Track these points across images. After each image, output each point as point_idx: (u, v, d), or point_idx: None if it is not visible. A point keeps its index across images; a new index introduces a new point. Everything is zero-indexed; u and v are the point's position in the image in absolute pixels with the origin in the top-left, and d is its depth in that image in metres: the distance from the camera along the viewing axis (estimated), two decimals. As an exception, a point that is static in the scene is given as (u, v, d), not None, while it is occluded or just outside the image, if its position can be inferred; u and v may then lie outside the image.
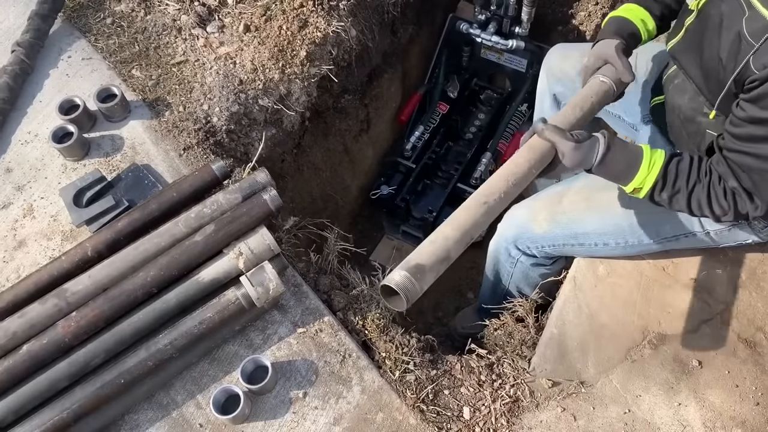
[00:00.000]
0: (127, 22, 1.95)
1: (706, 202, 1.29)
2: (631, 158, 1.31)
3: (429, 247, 1.11)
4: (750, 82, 1.14)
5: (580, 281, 1.63)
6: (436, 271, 1.11)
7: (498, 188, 1.18)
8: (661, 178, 1.29)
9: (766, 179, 1.21)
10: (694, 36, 1.35)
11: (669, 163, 1.30)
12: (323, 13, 1.93)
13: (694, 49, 1.33)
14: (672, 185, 1.30)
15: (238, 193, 1.48)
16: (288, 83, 1.89)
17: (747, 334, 1.53)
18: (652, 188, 1.31)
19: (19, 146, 1.73)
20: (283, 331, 1.46)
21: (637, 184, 1.31)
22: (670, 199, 1.32)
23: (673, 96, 1.48)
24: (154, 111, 1.77)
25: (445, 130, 2.82)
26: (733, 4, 1.21)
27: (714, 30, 1.25)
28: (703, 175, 1.29)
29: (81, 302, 1.35)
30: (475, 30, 2.55)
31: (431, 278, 1.10)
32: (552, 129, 1.25)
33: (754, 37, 1.14)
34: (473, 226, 1.15)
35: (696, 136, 1.44)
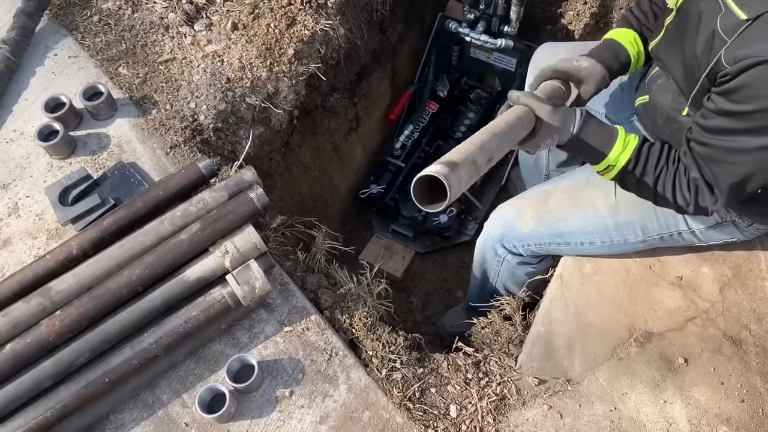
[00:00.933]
0: (114, 20, 1.93)
1: (670, 190, 1.31)
2: (606, 134, 1.35)
3: (453, 154, 1.11)
4: (722, 76, 1.16)
5: (567, 279, 1.63)
6: (467, 170, 1.09)
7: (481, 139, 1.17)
8: (634, 158, 1.32)
9: (726, 172, 1.23)
10: (674, 35, 1.36)
11: (642, 144, 1.34)
12: (311, 12, 1.93)
13: (675, 48, 1.34)
14: (642, 167, 1.32)
15: (225, 192, 1.47)
16: (276, 81, 1.89)
17: (733, 332, 1.54)
18: (624, 167, 1.33)
19: (4, 144, 1.72)
20: (269, 329, 1.46)
21: (611, 161, 1.34)
22: (638, 182, 1.34)
23: (656, 95, 1.49)
24: (141, 109, 1.76)
25: (435, 129, 2.82)
26: (710, 2, 1.22)
27: (692, 28, 1.26)
28: (671, 162, 1.32)
29: (65, 301, 1.35)
30: (464, 29, 2.55)
31: (464, 172, 1.08)
32: (527, 95, 1.28)
33: (727, 34, 1.15)
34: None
35: (678, 134, 1.44)
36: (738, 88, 1.13)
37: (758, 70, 1.08)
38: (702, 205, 1.30)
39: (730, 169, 1.22)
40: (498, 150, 1.19)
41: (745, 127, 1.16)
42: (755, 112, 1.12)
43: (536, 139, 1.30)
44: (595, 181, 1.60)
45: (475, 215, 2.70)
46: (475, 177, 1.13)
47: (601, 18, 2.41)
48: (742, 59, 1.10)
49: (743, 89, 1.12)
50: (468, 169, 1.09)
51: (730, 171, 1.22)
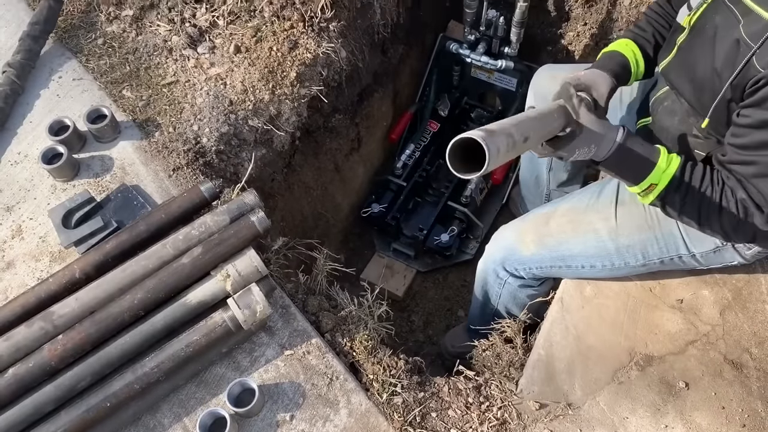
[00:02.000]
0: (119, 43, 1.96)
1: (716, 212, 1.26)
2: (650, 150, 1.29)
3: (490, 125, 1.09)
4: (754, 83, 1.12)
5: (568, 302, 1.64)
6: (505, 140, 1.06)
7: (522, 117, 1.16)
8: (679, 176, 1.27)
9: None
10: (687, 53, 1.35)
11: (686, 164, 1.29)
12: (313, 35, 1.95)
13: (687, 66, 1.33)
14: (686, 187, 1.27)
15: (226, 215, 1.48)
16: (278, 104, 1.90)
17: (733, 356, 1.54)
18: (667, 186, 1.28)
19: (8, 167, 1.73)
20: (270, 353, 1.46)
21: (654, 179, 1.28)
22: (683, 204, 1.29)
23: (662, 118, 1.49)
24: (144, 131, 1.78)
25: (436, 148, 2.83)
26: (726, 14, 1.21)
27: (707, 43, 1.25)
28: (716, 183, 1.27)
29: (68, 325, 1.35)
30: (464, 50, 2.58)
31: (502, 141, 1.05)
32: (578, 98, 1.24)
33: (754, 39, 1.13)
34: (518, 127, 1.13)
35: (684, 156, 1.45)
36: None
37: None
38: (750, 227, 1.24)
39: None
40: (533, 131, 1.15)
41: None
42: None
43: (573, 144, 1.25)
44: (595, 204, 1.61)
45: (476, 234, 2.71)
46: (511, 152, 1.09)
47: (601, 39, 2.42)
48: None
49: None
50: (505, 139, 1.06)
51: None
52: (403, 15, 2.37)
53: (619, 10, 2.32)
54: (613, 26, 2.38)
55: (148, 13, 1.98)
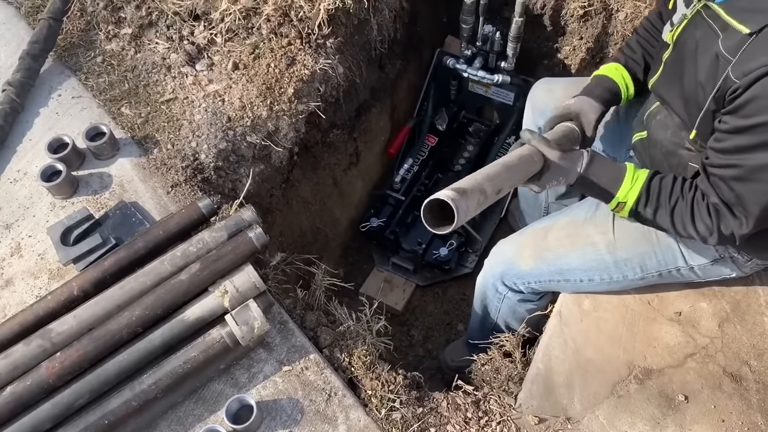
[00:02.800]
0: (117, 61, 1.97)
1: (689, 219, 1.30)
2: (614, 172, 1.36)
3: (464, 182, 1.17)
4: (731, 93, 1.16)
5: (566, 316, 1.64)
6: (476, 198, 1.14)
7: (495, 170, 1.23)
8: (645, 192, 1.32)
9: (755, 191, 1.20)
10: (673, 68, 1.38)
11: (652, 178, 1.34)
12: (311, 51, 1.96)
13: (675, 80, 1.35)
14: (656, 200, 1.32)
15: (224, 231, 1.48)
16: (276, 120, 1.91)
17: (733, 369, 1.54)
18: (636, 202, 1.33)
19: (7, 185, 1.74)
20: (268, 369, 1.46)
21: (621, 197, 1.34)
22: (655, 215, 1.33)
23: (655, 131, 1.51)
24: (143, 148, 1.79)
25: (434, 162, 2.84)
26: (706, 29, 1.24)
27: (691, 57, 1.28)
28: (686, 191, 1.31)
29: (66, 343, 1.35)
30: (461, 65, 2.59)
31: (473, 200, 1.13)
32: (538, 138, 1.31)
33: (731, 52, 1.16)
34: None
35: (677, 168, 1.46)
36: (750, 100, 1.12)
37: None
38: (726, 232, 1.27)
39: (758, 188, 1.19)
40: (507, 182, 1.23)
41: (764, 140, 1.14)
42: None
43: (543, 179, 1.33)
44: (593, 218, 1.61)
45: (475, 248, 2.71)
46: (483, 205, 1.17)
47: (597, 53, 2.44)
48: (751, 71, 1.10)
49: (755, 101, 1.12)
50: (476, 197, 1.14)
51: (758, 190, 1.19)
52: (400, 31, 2.38)
53: (615, 24, 2.34)
54: (609, 40, 2.40)
55: (146, 31, 2.00)
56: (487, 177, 1.19)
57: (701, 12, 1.28)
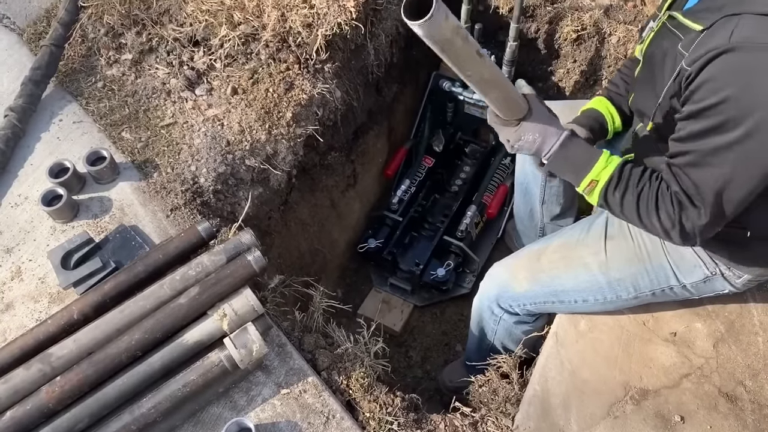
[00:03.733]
0: (118, 86, 2.01)
1: (654, 207, 1.31)
2: (590, 151, 1.39)
3: None
4: (685, 81, 1.20)
5: (562, 337, 1.65)
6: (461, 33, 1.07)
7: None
8: (617, 174, 1.35)
9: (708, 177, 1.21)
10: (645, 80, 1.42)
11: (625, 163, 1.37)
12: (308, 76, 2.00)
13: (648, 90, 1.38)
14: (625, 184, 1.34)
15: (223, 255, 1.50)
16: (274, 143, 1.94)
17: (728, 389, 1.55)
18: (607, 183, 1.36)
19: (9, 209, 1.76)
20: (266, 392, 1.47)
21: (594, 175, 1.37)
22: (622, 200, 1.35)
23: (641, 149, 1.54)
24: (143, 172, 1.81)
25: (431, 183, 2.87)
26: (671, 37, 1.29)
27: (659, 66, 1.32)
28: (653, 180, 1.33)
29: (66, 367, 1.36)
30: (457, 88, 2.63)
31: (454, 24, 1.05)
32: (530, 88, 1.37)
33: (685, 48, 1.21)
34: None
35: None
36: (700, 84, 1.16)
37: (716, 63, 1.13)
38: (686, 224, 1.27)
39: (711, 172, 1.21)
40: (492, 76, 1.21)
41: (714, 123, 1.16)
42: (719, 104, 1.14)
43: (522, 126, 1.35)
44: (585, 239, 1.64)
45: (473, 268, 2.73)
46: (460, 50, 1.10)
47: (591, 75, 2.48)
48: (700, 57, 1.14)
49: (705, 84, 1.15)
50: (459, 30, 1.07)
51: (711, 175, 1.21)
52: (396, 55, 2.42)
53: (607, 47, 2.38)
54: (602, 63, 2.44)
55: (147, 57, 2.03)
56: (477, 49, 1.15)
57: (666, 23, 1.33)
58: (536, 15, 2.45)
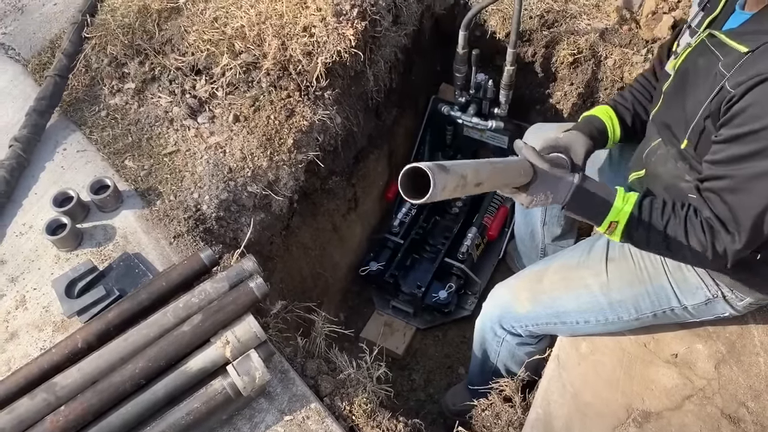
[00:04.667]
0: (121, 115, 2.03)
1: (683, 236, 1.29)
2: (605, 192, 1.37)
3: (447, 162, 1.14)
4: (726, 103, 1.19)
5: (564, 360, 1.65)
6: (455, 179, 1.12)
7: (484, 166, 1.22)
8: (637, 211, 1.33)
9: (748, 203, 1.20)
10: (674, 94, 1.41)
11: (644, 198, 1.35)
12: (309, 103, 2.02)
13: (677, 106, 1.38)
14: (648, 220, 1.32)
15: (226, 282, 1.51)
16: (276, 170, 1.96)
17: (730, 410, 1.55)
18: (628, 223, 1.34)
19: (13, 238, 1.77)
20: (270, 419, 1.47)
21: (612, 217, 1.35)
22: (648, 237, 1.34)
23: (655, 167, 1.53)
24: (146, 200, 1.83)
25: (432, 205, 2.89)
26: (708, 56, 1.28)
27: (692, 83, 1.32)
28: (678, 209, 1.32)
29: (70, 396, 1.37)
30: (456, 111, 2.66)
31: (451, 179, 1.10)
32: (531, 149, 1.32)
33: (727, 68, 1.20)
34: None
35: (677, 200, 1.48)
36: (744, 108, 1.15)
37: (762, 87, 1.12)
38: (719, 248, 1.27)
39: (750, 198, 1.20)
40: (489, 180, 1.23)
41: (756, 148, 1.15)
42: (762, 130, 1.13)
43: (530, 190, 1.33)
44: (587, 260, 1.65)
45: (474, 289, 2.73)
46: (460, 191, 1.15)
47: (588, 98, 2.51)
48: (746, 80, 1.14)
49: (749, 109, 1.14)
50: (456, 179, 1.12)
51: (750, 201, 1.20)
52: (395, 80, 2.45)
53: (604, 70, 2.41)
54: (599, 85, 2.47)
55: (149, 86, 2.06)
56: (470, 166, 1.18)
57: (705, 40, 1.32)
58: (533, 39, 2.49)
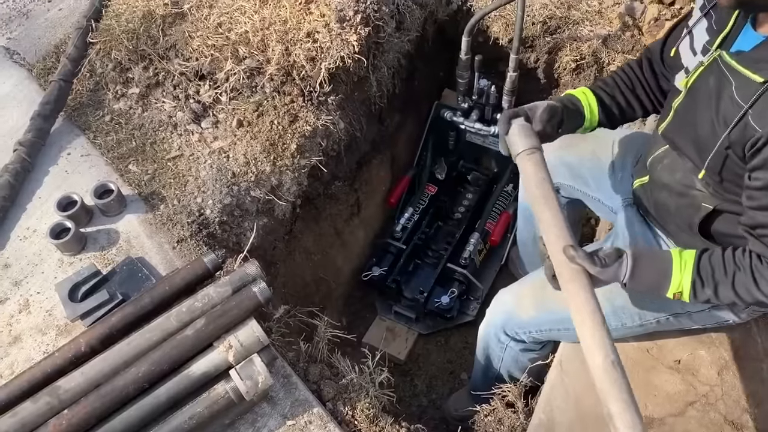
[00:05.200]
0: (125, 119, 2.04)
1: (753, 285, 1.27)
2: (661, 265, 1.33)
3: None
4: (753, 144, 1.17)
5: (567, 366, 1.65)
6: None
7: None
8: (697, 276, 1.30)
9: None
10: (685, 114, 1.39)
11: (700, 259, 1.31)
12: (312, 108, 2.03)
13: (688, 126, 1.37)
14: (712, 279, 1.29)
15: (229, 287, 1.52)
16: (279, 174, 1.97)
17: (733, 416, 1.55)
18: (692, 288, 1.31)
19: (17, 242, 1.78)
20: (272, 423, 1.47)
21: (675, 288, 1.32)
22: (716, 293, 1.31)
23: (661, 175, 1.52)
24: (150, 205, 1.84)
25: (434, 210, 2.89)
26: (719, 76, 1.27)
27: (705, 103, 1.30)
28: (741, 259, 1.29)
29: (73, 399, 1.37)
30: (458, 117, 2.66)
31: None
32: (582, 255, 1.28)
33: (745, 99, 1.18)
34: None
35: (688, 209, 1.46)
36: None
37: None
38: None
39: None
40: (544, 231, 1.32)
41: None
42: None
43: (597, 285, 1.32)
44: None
45: (477, 295, 2.73)
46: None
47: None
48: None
49: None
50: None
51: None
52: (398, 86, 2.46)
53: (606, 76, 2.41)
54: (600, 84, 2.47)
55: (153, 91, 2.07)
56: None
57: (718, 60, 1.29)
58: (535, 45, 2.49)
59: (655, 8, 2.28)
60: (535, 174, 1.37)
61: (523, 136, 1.42)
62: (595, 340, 1.21)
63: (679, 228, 1.53)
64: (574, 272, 1.29)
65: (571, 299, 1.28)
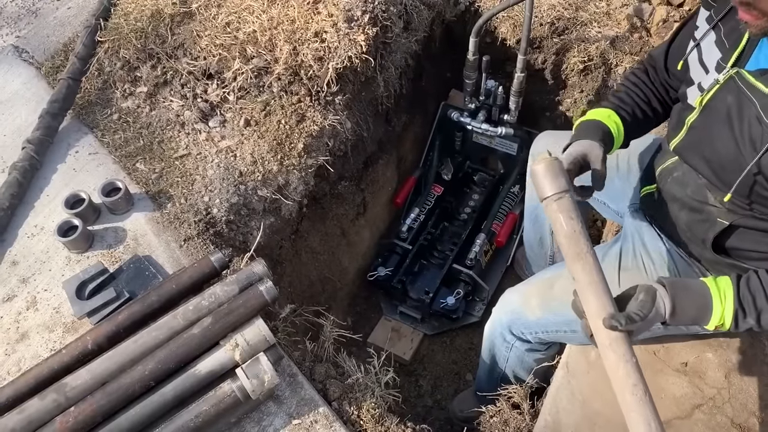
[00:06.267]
0: (133, 118, 2.05)
1: None
2: (700, 301, 1.28)
3: None
4: None
5: (573, 367, 1.65)
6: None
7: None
8: (739, 306, 1.26)
9: None
10: (700, 132, 1.36)
11: (739, 288, 1.27)
12: (320, 108, 2.03)
13: (703, 144, 1.34)
14: (754, 308, 1.26)
15: (235, 285, 1.52)
16: (286, 174, 1.97)
17: (740, 420, 1.54)
18: (735, 319, 1.27)
19: (25, 239, 1.79)
20: (278, 422, 1.47)
21: (717, 321, 1.28)
22: (758, 321, 1.28)
23: (672, 188, 1.50)
24: (157, 203, 1.84)
25: (440, 211, 2.89)
26: (739, 95, 1.23)
27: (722, 122, 1.27)
28: None
29: (80, 397, 1.37)
30: (465, 118, 2.66)
31: None
32: (624, 323, 1.20)
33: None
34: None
35: (702, 225, 1.44)
36: None
37: None
38: None
39: None
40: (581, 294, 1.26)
41: None
42: None
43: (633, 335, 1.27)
44: (597, 268, 1.63)
45: (482, 296, 2.73)
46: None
47: (598, 105, 2.50)
48: None
49: None
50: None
51: None
52: (405, 86, 2.46)
53: (614, 77, 2.41)
54: (609, 93, 2.46)
55: (161, 90, 2.07)
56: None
57: (734, 78, 1.25)
58: (543, 46, 2.49)
59: (663, 10, 2.27)
60: (565, 225, 1.23)
61: (551, 177, 1.26)
62: (642, 416, 1.15)
63: (690, 241, 1.51)
64: (614, 339, 1.21)
65: (610, 372, 1.22)
